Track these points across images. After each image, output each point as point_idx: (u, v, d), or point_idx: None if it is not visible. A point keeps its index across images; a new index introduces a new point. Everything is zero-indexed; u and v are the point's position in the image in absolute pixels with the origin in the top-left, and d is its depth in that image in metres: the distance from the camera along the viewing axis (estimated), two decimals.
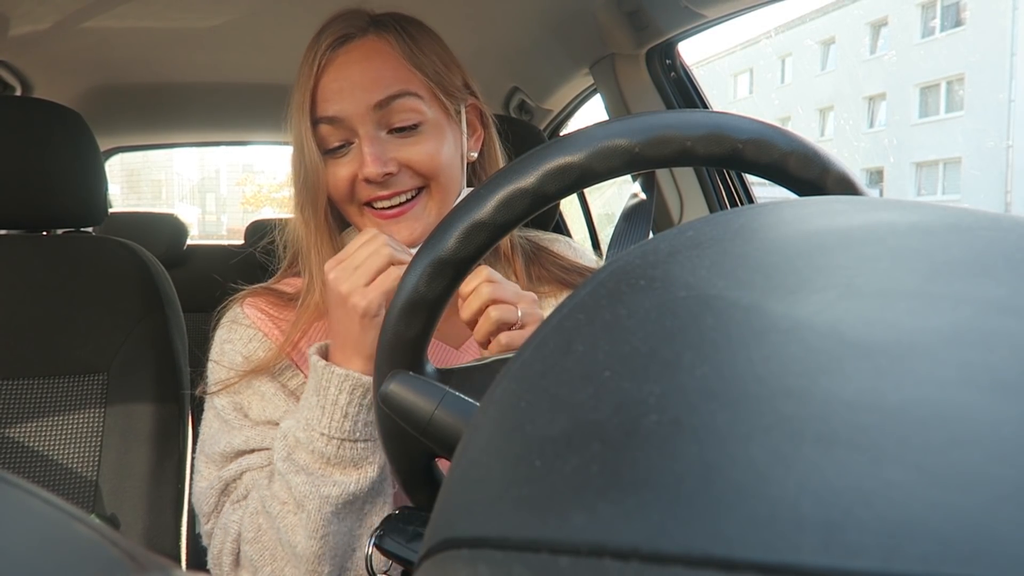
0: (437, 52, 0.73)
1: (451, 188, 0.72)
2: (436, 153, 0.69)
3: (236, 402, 0.71)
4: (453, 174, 0.72)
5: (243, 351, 0.72)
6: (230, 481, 0.68)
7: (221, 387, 0.71)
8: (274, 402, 0.69)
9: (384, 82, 0.68)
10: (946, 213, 0.21)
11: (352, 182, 0.70)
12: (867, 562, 0.11)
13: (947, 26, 16.02)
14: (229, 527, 0.66)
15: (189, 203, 29.80)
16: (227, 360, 0.72)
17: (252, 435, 0.68)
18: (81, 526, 0.16)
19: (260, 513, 0.64)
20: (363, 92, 0.68)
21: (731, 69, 22.06)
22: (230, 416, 0.70)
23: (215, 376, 0.73)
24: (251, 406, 0.70)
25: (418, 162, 0.69)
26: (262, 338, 0.72)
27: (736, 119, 0.43)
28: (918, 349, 0.15)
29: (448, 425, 0.41)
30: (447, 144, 0.71)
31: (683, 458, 0.14)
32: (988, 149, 15.27)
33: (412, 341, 0.45)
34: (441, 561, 0.16)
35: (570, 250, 0.88)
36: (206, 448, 0.71)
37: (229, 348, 0.73)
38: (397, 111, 0.68)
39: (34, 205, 1.04)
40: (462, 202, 0.43)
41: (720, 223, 0.23)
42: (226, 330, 0.75)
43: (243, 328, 0.73)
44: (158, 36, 1.40)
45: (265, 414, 0.69)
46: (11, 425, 1.00)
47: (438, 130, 0.71)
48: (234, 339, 0.73)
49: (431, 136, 0.70)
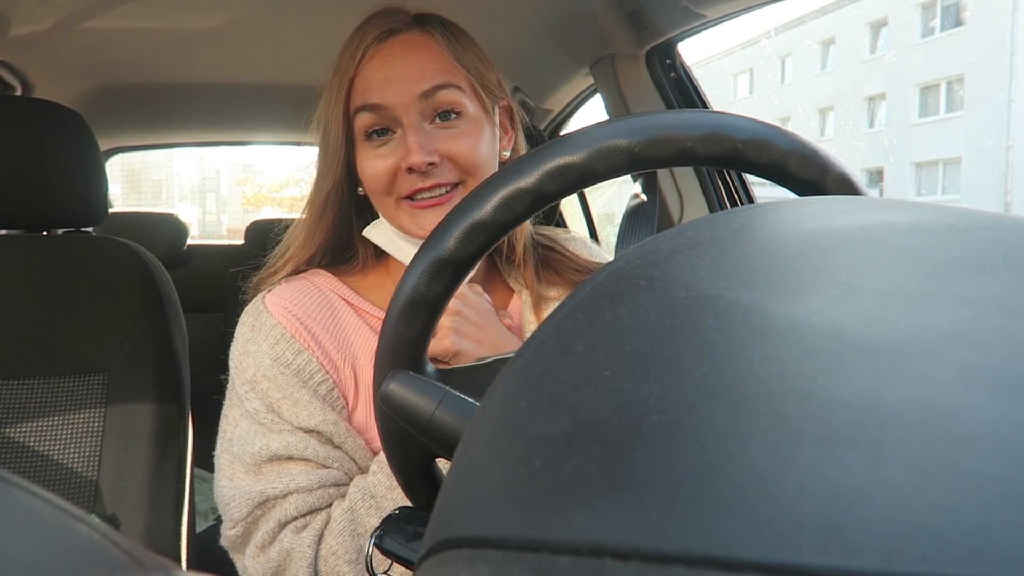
0: (475, 51, 0.75)
1: None
2: (476, 147, 0.71)
3: (268, 404, 0.69)
4: (490, 170, 0.73)
5: (270, 352, 0.70)
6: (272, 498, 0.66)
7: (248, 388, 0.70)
8: (309, 409, 0.68)
9: (429, 73, 0.69)
10: (946, 213, 0.21)
11: (394, 174, 0.70)
12: (867, 562, 0.11)
13: (947, 26, 16.02)
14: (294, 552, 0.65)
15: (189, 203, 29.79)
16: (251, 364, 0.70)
17: (293, 441, 0.67)
18: (82, 526, 0.16)
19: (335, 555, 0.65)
20: (408, 83, 0.69)
21: (731, 69, 22.05)
22: (265, 419, 0.68)
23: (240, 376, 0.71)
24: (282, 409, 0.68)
25: (458, 153, 0.70)
26: (290, 339, 0.70)
27: (736, 119, 0.43)
28: (918, 349, 0.15)
29: (448, 425, 0.41)
30: (485, 139, 0.72)
31: (683, 458, 0.14)
32: (988, 149, 15.27)
33: (412, 341, 0.45)
34: (441, 561, 0.16)
35: (586, 249, 0.88)
36: (235, 448, 0.69)
37: (254, 349, 0.71)
38: (441, 102, 0.70)
39: (34, 205, 1.04)
40: (462, 202, 0.43)
41: (720, 223, 0.23)
42: (248, 328, 0.73)
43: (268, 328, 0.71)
44: (158, 36, 1.40)
45: (298, 420, 0.68)
46: (11, 425, 1.00)
47: (478, 125, 0.72)
48: (259, 339, 0.71)
49: (471, 130, 0.71)
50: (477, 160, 0.70)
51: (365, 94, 0.70)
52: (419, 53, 0.70)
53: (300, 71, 1.49)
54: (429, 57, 0.70)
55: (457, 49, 0.72)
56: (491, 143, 0.74)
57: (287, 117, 0.80)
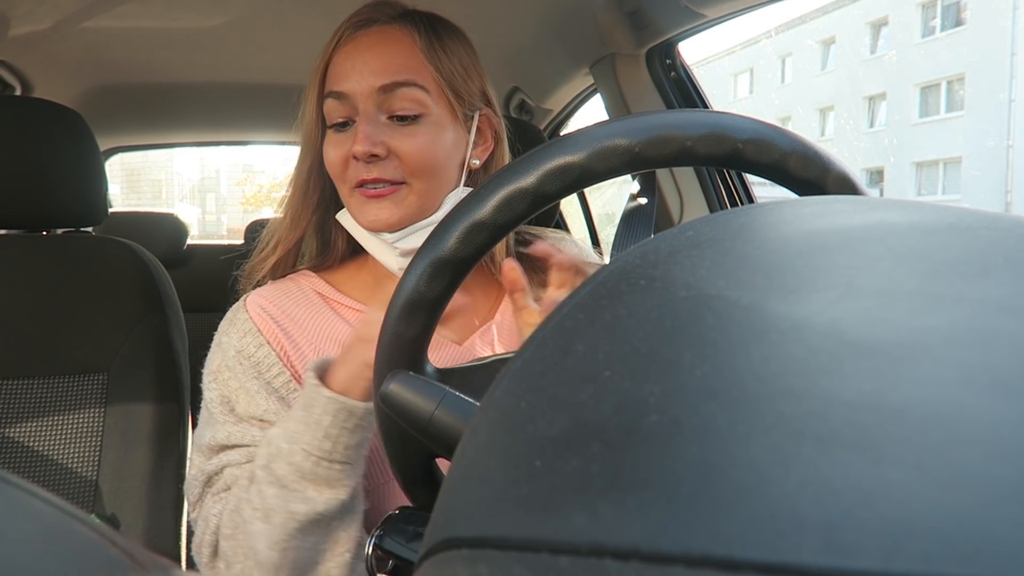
0: (460, 55, 0.74)
1: (434, 190, 0.72)
2: (428, 149, 0.70)
3: (224, 395, 0.72)
4: (441, 176, 0.72)
5: (236, 345, 0.73)
6: (212, 474, 0.69)
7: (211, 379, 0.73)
8: (256, 400, 0.70)
9: (393, 68, 0.70)
10: (946, 213, 0.21)
11: (346, 161, 0.71)
12: (867, 562, 0.11)
13: (947, 26, 16.02)
14: (209, 519, 0.68)
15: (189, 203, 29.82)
16: (218, 355, 0.74)
17: (234, 431, 0.70)
18: (81, 526, 0.16)
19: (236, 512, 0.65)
20: (371, 74, 0.70)
21: (731, 69, 22.05)
22: (215, 409, 0.72)
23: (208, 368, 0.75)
24: (238, 400, 0.71)
25: (406, 153, 0.70)
26: (256, 333, 0.73)
27: (736, 119, 0.43)
28: (918, 349, 0.15)
29: (448, 425, 0.41)
30: (443, 144, 0.72)
31: (683, 458, 0.14)
32: (988, 149, 15.27)
33: (412, 341, 0.45)
34: (441, 561, 0.16)
35: (576, 249, 0.88)
36: (196, 438, 0.73)
37: (224, 340, 0.74)
38: (400, 99, 0.70)
39: (34, 205, 1.04)
40: (462, 202, 0.43)
41: (720, 223, 0.23)
42: (226, 323, 0.76)
43: (240, 323, 0.75)
44: (158, 36, 1.40)
45: (249, 410, 0.70)
46: (11, 425, 1.00)
47: (438, 129, 0.71)
48: (231, 332, 0.75)
49: (428, 132, 0.70)
50: (425, 163, 0.70)
51: (333, 81, 0.72)
52: (388, 46, 0.71)
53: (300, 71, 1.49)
54: (398, 52, 0.70)
55: (435, 50, 0.72)
56: (451, 149, 0.73)
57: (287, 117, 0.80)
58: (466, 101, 0.74)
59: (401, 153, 0.70)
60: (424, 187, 0.71)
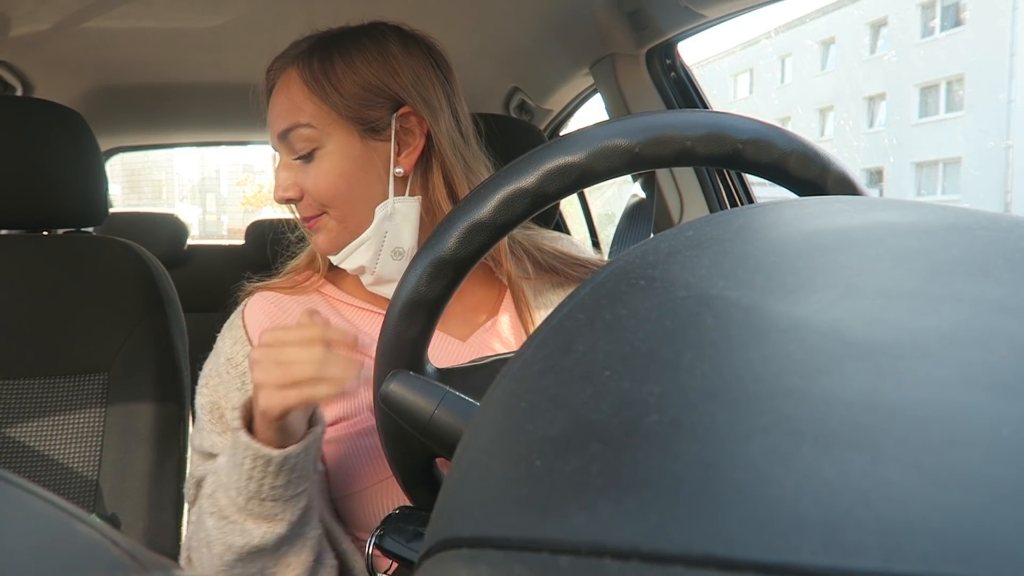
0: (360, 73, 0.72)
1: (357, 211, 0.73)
2: (329, 180, 0.72)
3: (212, 402, 0.73)
4: (356, 197, 0.72)
5: (227, 352, 0.74)
6: (200, 479, 0.71)
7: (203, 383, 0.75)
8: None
9: (284, 114, 0.72)
10: (946, 213, 0.21)
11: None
12: (867, 562, 0.11)
13: (947, 26, 16.01)
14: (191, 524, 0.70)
15: (189, 203, 29.83)
16: (212, 359, 0.75)
17: (217, 441, 0.71)
18: (82, 526, 0.16)
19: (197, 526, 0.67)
20: (272, 124, 0.74)
21: (731, 69, 22.04)
22: (203, 416, 0.73)
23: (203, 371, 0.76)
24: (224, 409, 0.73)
25: (311, 188, 0.72)
26: (245, 342, 0.74)
27: (736, 119, 0.43)
28: (918, 349, 0.15)
29: (448, 425, 0.41)
30: (346, 168, 0.72)
31: (683, 458, 0.14)
32: (988, 149, 15.26)
33: (412, 341, 0.45)
34: (441, 561, 0.16)
35: (573, 248, 0.88)
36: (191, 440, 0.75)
37: (219, 346, 0.76)
38: (295, 140, 0.72)
39: (34, 205, 1.04)
40: (462, 202, 0.43)
41: (720, 223, 0.23)
42: (226, 327, 0.78)
43: (235, 329, 0.76)
44: (158, 36, 1.40)
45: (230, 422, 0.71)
46: (11, 425, 1.00)
47: (336, 156, 0.72)
48: (226, 337, 0.76)
49: (326, 162, 0.72)
50: (332, 192, 0.72)
51: None
52: (280, 94, 0.74)
53: None
54: (287, 97, 0.73)
55: (320, 83, 0.71)
56: (362, 169, 0.72)
57: None
58: (371, 116, 0.72)
59: (308, 189, 0.72)
60: (342, 212, 0.73)
